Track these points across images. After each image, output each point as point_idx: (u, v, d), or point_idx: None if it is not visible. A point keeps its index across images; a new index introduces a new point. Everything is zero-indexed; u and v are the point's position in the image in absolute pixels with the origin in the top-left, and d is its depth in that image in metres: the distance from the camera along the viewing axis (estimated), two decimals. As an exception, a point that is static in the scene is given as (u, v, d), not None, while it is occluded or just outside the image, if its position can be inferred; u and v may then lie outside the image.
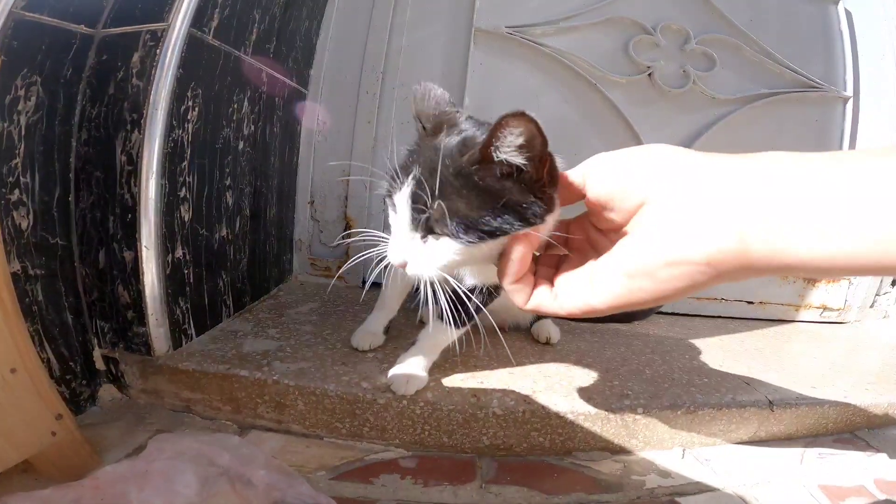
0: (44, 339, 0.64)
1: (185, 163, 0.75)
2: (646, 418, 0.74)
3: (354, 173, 1.20)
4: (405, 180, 0.40)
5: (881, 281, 1.43)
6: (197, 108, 0.75)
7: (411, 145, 0.46)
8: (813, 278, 1.39)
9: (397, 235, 0.42)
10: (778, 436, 0.82)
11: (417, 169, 0.40)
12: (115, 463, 0.56)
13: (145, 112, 0.67)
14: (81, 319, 0.71)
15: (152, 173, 0.68)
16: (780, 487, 0.70)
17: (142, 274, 0.69)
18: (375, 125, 1.18)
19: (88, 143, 0.70)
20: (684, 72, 1.26)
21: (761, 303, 1.37)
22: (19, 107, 0.61)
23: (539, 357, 0.87)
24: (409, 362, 0.71)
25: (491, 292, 0.67)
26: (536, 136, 0.35)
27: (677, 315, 1.31)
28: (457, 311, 0.70)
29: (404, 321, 0.85)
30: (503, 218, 0.37)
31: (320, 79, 1.19)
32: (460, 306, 0.70)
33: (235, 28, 0.83)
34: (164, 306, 0.72)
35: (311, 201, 1.22)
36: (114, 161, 0.69)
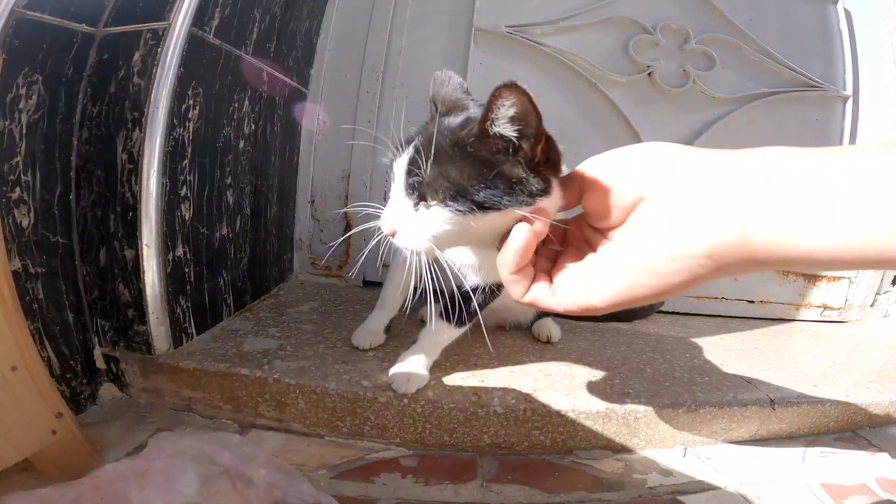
0: (44, 338, 0.64)
1: (186, 161, 0.75)
2: (647, 417, 0.73)
3: (356, 167, 1.21)
4: (406, 149, 0.42)
5: (881, 280, 1.43)
6: (198, 107, 0.75)
7: (421, 125, 0.48)
8: (814, 277, 1.39)
9: (392, 203, 0.44)
10: (779, 434, 0.82)
11: (419, 139, 0.42)
12: (115, 462, 0.56)
13: (146, 110, 0.67)
14: (82, 318, 0.71)
15: (153, 172, 0.68)
16: (781, 486, 0.70)
17: (142, 272, 0.69)
18: (376, 125, 1.19)
19: (89, 142, 0.70)
20: (684, 71, 1.27)
21: (762, 302, 1.37)
22: (20, 105, 0.61)
23: (540, 356, 0.87)
24: (410, 361, 0.71)
25: (493, 291, 0.68)
26: (530, 110, 0.35)
27: (678, 314, 1.31)
28: (457, 309, 0.71)
29: (405, 320, 0.85)
30: (493, 190, 0.37)
31: (321, 78, 1.19)
32: (461, 305, 0.71)
33: (236, 27, 0.83)
34: (164, 305, 0.72)
35: (312, 200, 1.22)
36: (115, 159, 0.69)
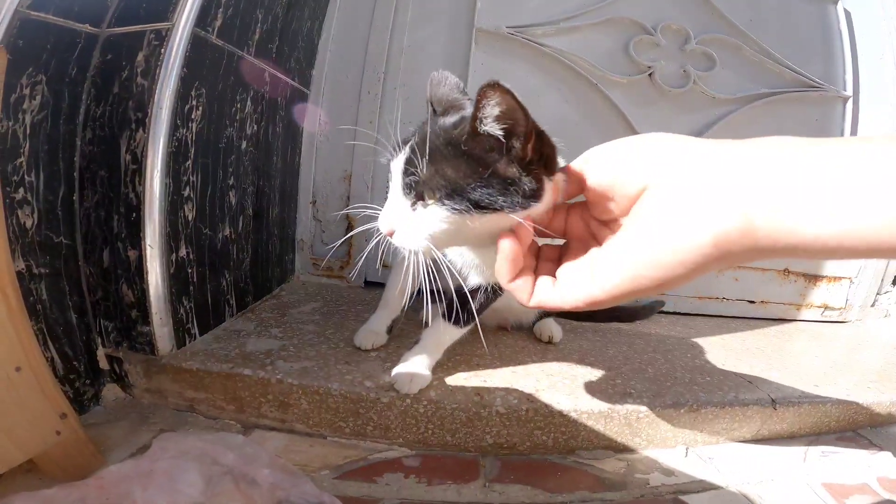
0: (48, 338, 0.64)
1: (189, 162, 0.75)
2: (649, 417, 0.74)
3: (357, 168, 1.21)
4: (403, 149, 0.43)
5: (882, 280, 1.44)
6: (201, 108, 0.76)
7: (418, 125, 0.48)
8: (814, 278, 1.39)
9: (389, 202, 0.44)
10: (781, 434, 0.82)
11: (415, 139, 0.43)
12: (119, 462, 0.56)
13: (150, 111, 0.67)
14: (85, 318, 0.71)
15: (157, 172, 0.68)
16: (783, 485, 0.70)
17: (146, 273, 0.69)
18: (377, 125, 1.19)
19: (93, 142, 0.70)
20: (685, 72, 1.27)
21: (763, 302, 1.37)
22: (24, 105, 0.61)
23: (542, 356, 0.87)
24: (412, 361, 0.72)
25: (495, 291, 0.68)
26: (515, 108, 0.36)
27: (679, 314, 1.31)
28: (459, 310, 0.71)
29: (407, 320, 0.85)
30: (489, 190, 0.38)
31: (322, 79, 1.19)
32: (463, 305, 0.71)
33: (238, 28, 0.83)
34: (167, 305, 0.72)
35: (314, 201, 1.22)
36: (118, 160, 0.69)
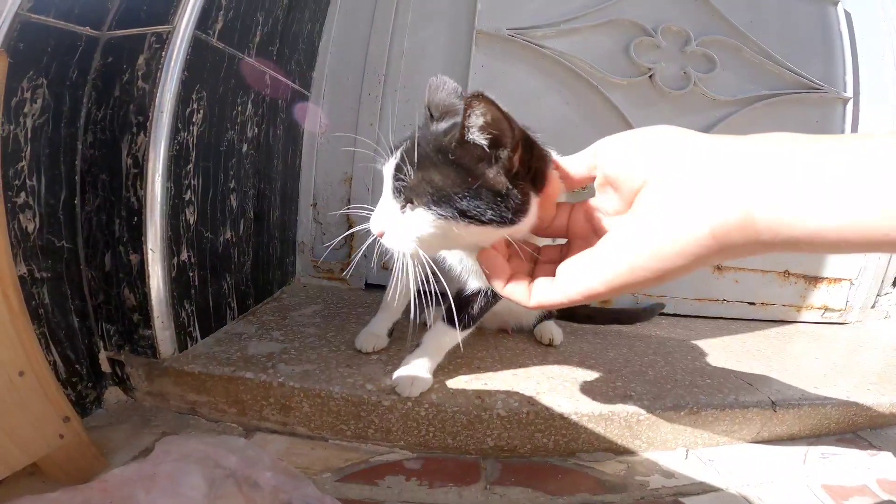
0: (50, 342, 0.65)
1: (191, 165, 0.75)
2: (649, 419, 0.74)
3: (358, 170, 1.21)
4: (395, 154, 0.44)
5: (882, 282, 1.44)
6: (202, 111, 0.76)
7: (412, 129, 0.48)
8: (814, 279, 1.39)
9: (381, 204, 0.45)
10: (781, 436, 0.82)
11: (406, 144, 0.43)
12: (122, 465, 0.56)
13: (151, 114, 0.67)
14: (87, 322, 0.72)
15: (158, 176, 0.68)
16: (783, 487, 0.70)
17: (148, 277, 0.69)
18: (377, 127, 1.19)
19: (94, 146, 0.70)
20: (685, 73, 1.27)
21: (763, 304, 1.38)
22: (25, 109, 0.61)
23: (542, 359, 0.87)
24: (413, 364, 0.72)
25: (495, 294, 0.68)
26: (500, 119, 0.36)
27: (679, 316, 1.31)
28: (460, 313, 0.71)
29: (407, 323, 0.85)
30: (477, 201, 0.38)
31: (323, 81, 1.20)
32: (464, 309, 0.71)
33: (239, 30, 0.83)
34: (169, 309, 0.72)
35: (314, 203, 1.23)
36: (119, 164, 0.69)
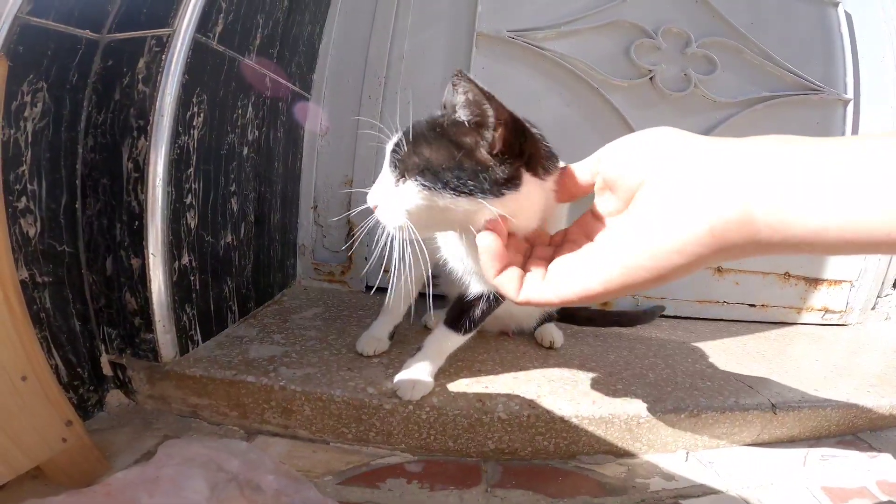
0: (52, 346, 0.65)
1: (191, 169, 0.75)
2: (649, 422, 0.74)
3: (358, 172, 1.21)
4: (397, 133, 0.47)
5: (882, 283, 1.44)
6: (202, 114, 0.76)
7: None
8: (815, 281, 1.40)
9: (379, 179, 0.47)
10: (781, 438, 0.82)
11: (409, 125, 0.46)
12: (125, 469, 0.56)
13: (152, 118, 0.67)
14: (89, 326, 0.72)
15: (159, 180, 0.68)
16: (783, 489, 0.70)
17: (149, 281, 0.70)
18: (378, 130, 1.18)
19: (95, 150, 0.70)
20: (685, 75, 1.27)
21: (763, 305, 1.38)
22: (25, 113, 0.61)
23: (543, 361, 0.88)
24: (414, 368, 0.72)
25: (497, 298, 0.68)
26: (481, 97, 0.38)
27: (679, 318, 1.31)
28: (461, 317, 0.72)
29: (409, 326, 0.85)
30: (458, 172, 0.40)
31: (323, 83, 1.19)
32: (465, 313, 0.71)
33: (239, 33, 0.83)
34: (170, 313, 0.72)
35: (315, 206, 1.23)
36: (120, 168, 0.69)
